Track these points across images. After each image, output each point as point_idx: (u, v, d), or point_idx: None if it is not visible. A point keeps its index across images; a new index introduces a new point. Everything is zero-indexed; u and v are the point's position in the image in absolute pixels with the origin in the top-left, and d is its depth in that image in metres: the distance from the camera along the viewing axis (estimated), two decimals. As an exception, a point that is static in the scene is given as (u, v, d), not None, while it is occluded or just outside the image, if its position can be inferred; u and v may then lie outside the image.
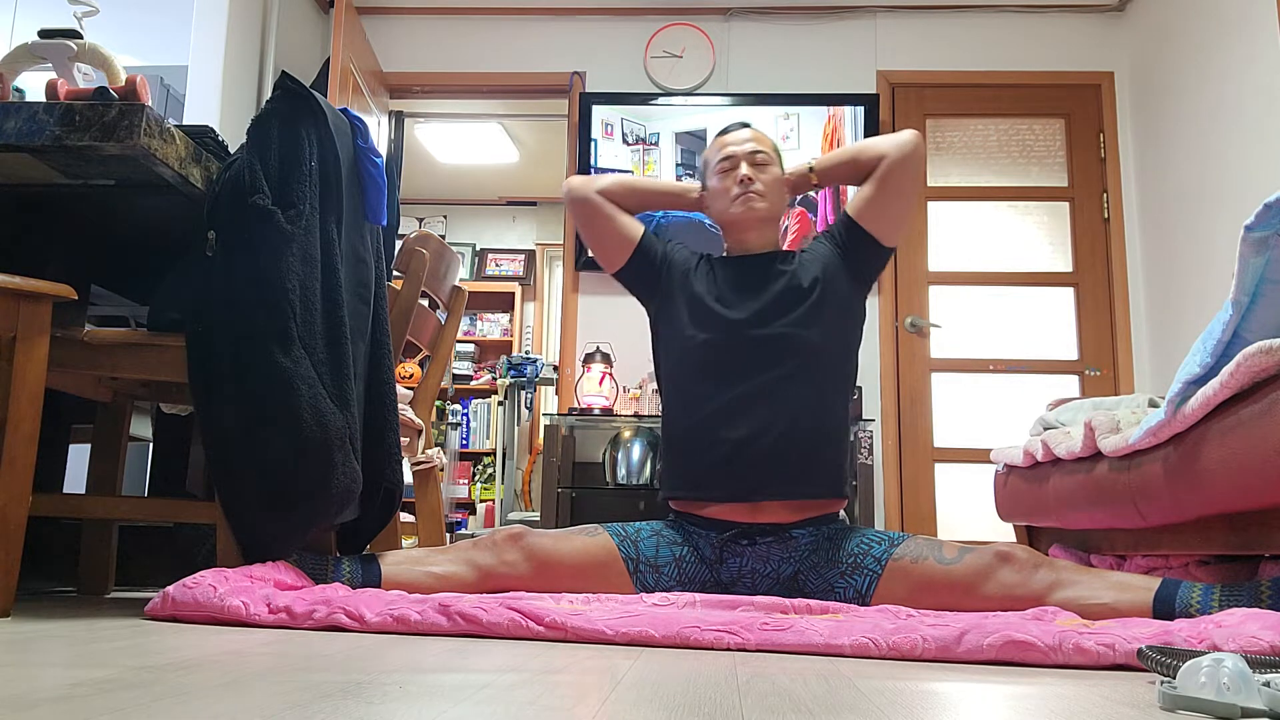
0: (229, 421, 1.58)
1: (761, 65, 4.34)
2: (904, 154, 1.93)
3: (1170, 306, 3.85)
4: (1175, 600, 1.52)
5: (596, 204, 2.01)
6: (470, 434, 6.24)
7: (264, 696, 0.81)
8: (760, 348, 1.86)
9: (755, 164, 1.97)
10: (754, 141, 1.99)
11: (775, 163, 2.01)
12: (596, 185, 2.04)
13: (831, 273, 1.94)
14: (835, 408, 1.89)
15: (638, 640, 1.31)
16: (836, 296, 1.92)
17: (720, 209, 1.99)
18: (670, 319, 1.98)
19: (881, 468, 4.00)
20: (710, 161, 2.03)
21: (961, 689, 1.01)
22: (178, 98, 3.44)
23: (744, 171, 1.95)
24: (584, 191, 2.03)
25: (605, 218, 2.02)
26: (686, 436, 1.89)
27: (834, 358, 1.91)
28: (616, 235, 2.02)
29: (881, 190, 1.94)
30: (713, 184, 2.00)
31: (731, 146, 1.99)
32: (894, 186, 1.94)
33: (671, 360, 1.97)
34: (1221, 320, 1.57)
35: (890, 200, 1.95)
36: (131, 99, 1.54)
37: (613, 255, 2.04)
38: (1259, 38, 3.24)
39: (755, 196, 1.94)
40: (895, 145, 1.94)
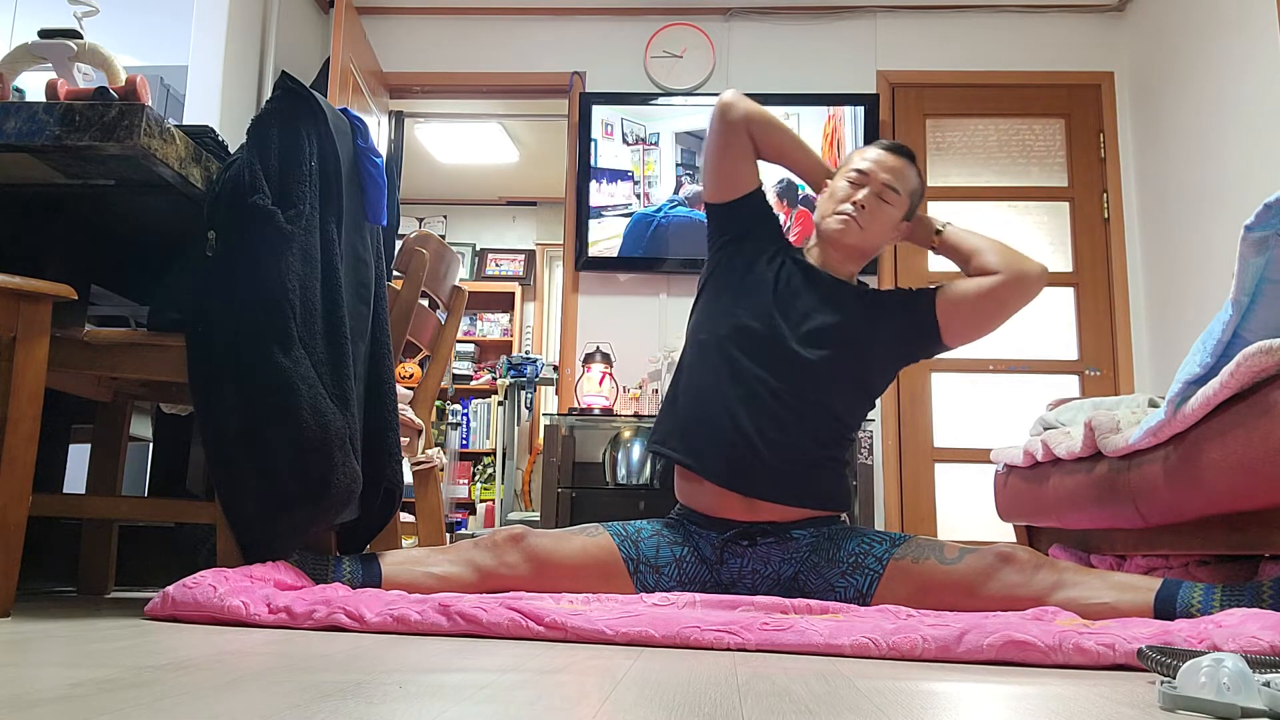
0: (229, 421, 1.58)
1: (761, 65, 4.34)
2: (1020, 284, 1.84)
3: (1170, 306, 3.85)
4: (1176, 600, 1.52)
5: (739, 136, 1.92)
6: (470, 434, 6.24)
7: (264, 696, 0.81)
8: (789, 361, 1.84)
9: (880, 197, 1.87)
10: (894, 175, 1.89)
11: (901, 206, 1.90)
12: (746, 112, 1.92)
13: (886, 333, 1.89)
14: (835, 442, 1.89)
15: (638, 640, 1.31)
16: (875, 357, 1.90)
17: (822, 211, 1.93)
18: (727, 282, 1.93)
19: (881, 468, 4.00)
20: (850, 162, 1.94)
21: (961, 689, 1.01)
22: (178, 98, 3.44)
23: (861, 196, 1.86)
24: (734, 115, 1.91)
25: (738, 154, 1.93)
26: (693, 401, 1.87)
27: (847, 402, 1.90)
28: (734, 175, 1.95)
29: (979, 303, 1.87)
30: (836, 182, 1.93)
31: (872, 164, 1.89)
32: (992, 307, 1.87)
33: (709, 323, 1.93)
34: (1221, 320, 1.57)
35: (980, 317, 1.89)
36: (131, 99, 1.54)
37: (719, 188, 1.97)
38: (1259, 38, 3.24)
39: (854, 225, 1.87)
40: (1015, 273, 1.84)
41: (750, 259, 1.94)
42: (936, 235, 1.96)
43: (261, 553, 1.61)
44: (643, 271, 4.17)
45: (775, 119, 1.97)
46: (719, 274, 1.97)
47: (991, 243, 1.92)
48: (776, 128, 1.96)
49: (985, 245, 1.91)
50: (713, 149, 1.96)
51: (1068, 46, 4.26)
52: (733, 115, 1.92)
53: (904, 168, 1.92)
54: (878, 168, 1.89)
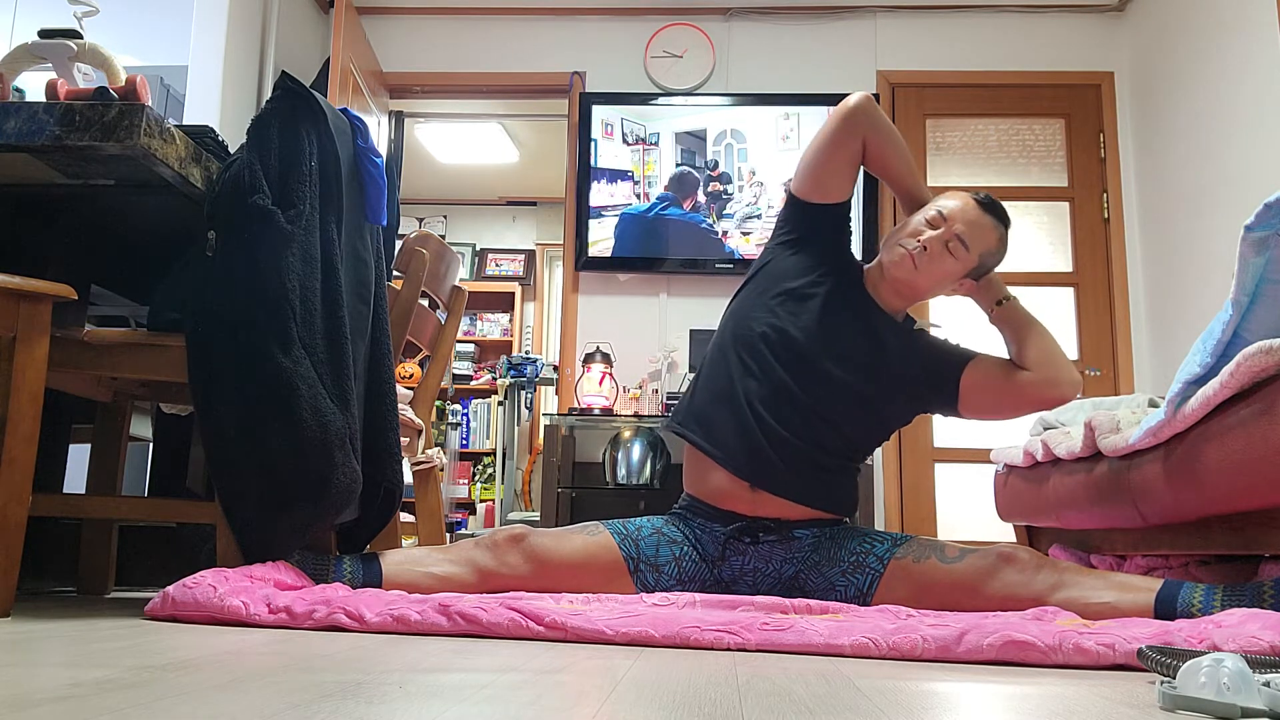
0: (229, 421, 1.58)
1: (761, 65, 4.34)
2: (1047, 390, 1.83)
3: (1170, 306, 3.85)
4: (1177, 601, 1.52)
5: (854, 143, 1.87)
6: (470, 434, 6.24)
7: (264, 696, 0.81)
8: (821, 378, 1.83)
9: (947, 247, 1.82)
10: (971, 233, 1.82)
11: (966, 262, 1.84)
12: (875, 125, 1.86)
13: (907, 377, 1.88)
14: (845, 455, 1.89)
15: (638, 640, 1.31)
16: (897, 395, 1.89)
17: (889, 244, 1.89)
18: (780, 279, 1.91)
19: (881, 468, 4.00)
20: (934, 202, 1.88)
21: (961, 689, 1.01)
22: (178, 98, 3.44)
23: (927, 237, 1.82)
24: (859, 120, 1.85)
25: (846, 160, 1.88)
26: (720, 390, 1.87)
27: (865, 432, 1.90)
28: (833, 180, 1.90)
29: (1001, 392, 1.85)
30: (913, 218, 1.89)
31: (953, 212, 1.83)
32: (1012, 401, 1.86)
33: (747, 313, 1.91)
34: (1221, 320, 1.57)
35: (999, 406, 1.88)
36: (131, 99, 1.54)
37: (812, 186, 1.92)
38: (1258, 38, 3.24)
39: (908, 263, 1.82)
40: (1048, 382, 1.82)
41: (809, 265, 1.91)
42: (997, 306, 1.92)
43: (261, 553, 1.61)
44: (643, 271, 4.17)
45: (896, 134, 1.92)
46: (773, 268, 1.95)
47: (1044, 340, 1.87)
48: (895, 142, 1.91)
49: (1036, 338, 1.86)
50: (823, 146, 1.89)
51: (1068, 46, 4.26)
52: (857, 118, 1.86)
53: (986, 226, 1.85)
54: (957, 216, 1.84)
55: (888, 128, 1.89)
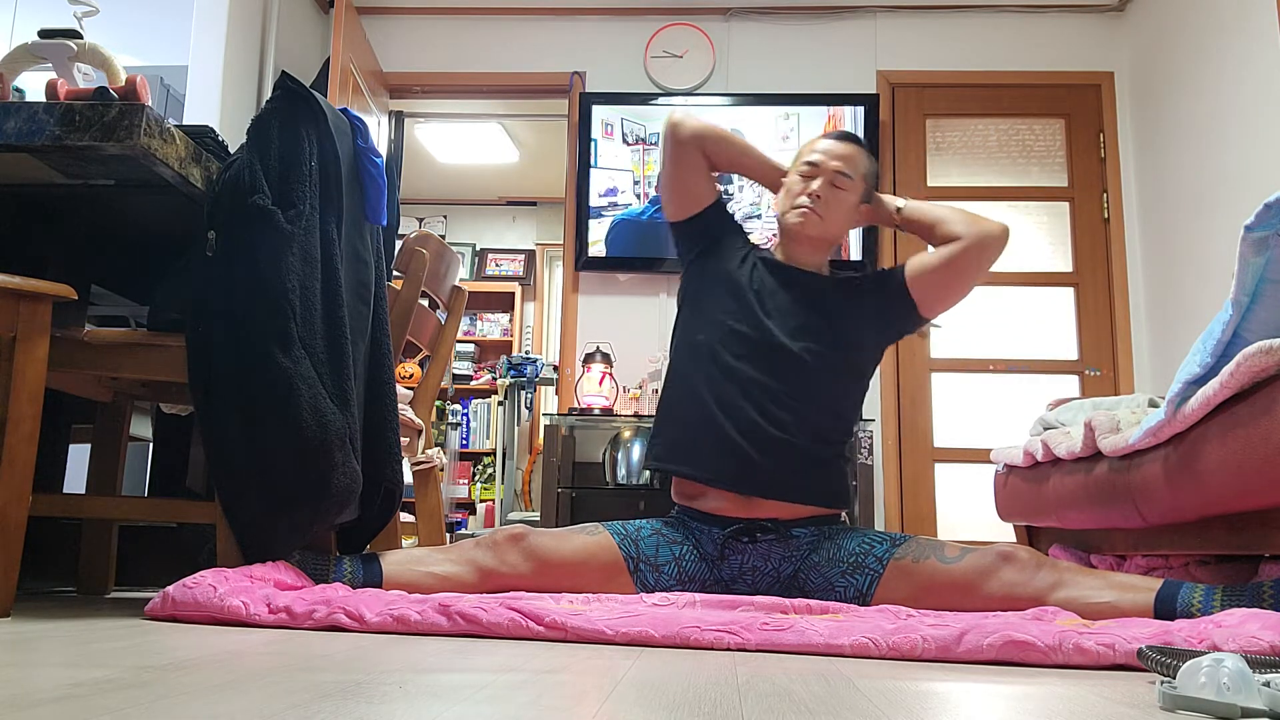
0: (229, 421, 1.58)
1: (761, 65, 4.34)
2: (981, 246, 1.88)
3: (1170, 306, 3.85)
4: (1177, 601, 1.52)
5: (691, 153, 1.96)
6: (470, 434, 6.24)
7: (264, 696, 0.81)
8: (779, 358, 1.85)
9: (834, 184, 1.90)
10: (844, 161, 1.91)
11: (857, 190, 1.93)
12: (696, 130, 1.95)
13: (865, 314, 1.92)
14: (833, 433, 1.90)
15: (638, 640, 1.31)
16: (860, 340, 1.92)
17: (781, 208, 1.96)
18: (704, 293, 1.96)
19: (881, 468, 4.00)
20: (800, 156, 1.97)
21: (961, 689, 1.01)
22: (178, 98, 3.44)
23: (815, 187, 1.90)
24: (683, 134, 1.95)
25: (694, 170, 1.97)
26: (688, 412, 1.88)
27: (840, 391, 1.91)
28: (692, 191, 1.99)
29: (945, 269, 1.90)
30: (789, 179, 1.96)
31: (820, 155, 1.92)
32: (958, 272, 1.90)
33: (693, 333, 1.94)
34: (1221, 320, 1.57)
35: (949, 283, 1.92)
36: (131, 99, 1.54)
37: (679, 206, 2.00)
38: (1258, 38, 3.24)
39: (813, 216, 1.89)
40: (977, 235, 1.88)
41: (723, 267, 1.96)
42: (898, 213, 1.98)
43: (261, 553, 1.61)
44: (642, 271, 4.17)
45: (723, 131, 2.02)
46: (695, 287, 1.99)
47: (952, 211, 1.95)
48: (726, 139, 2.00)
49: (946, 214, 1.94)
50: (668, 169, 2.01)
51: (1068, 46, 4.26)
52: (683, 133, 1.96)
53: (854, 153, 1.94)
54: (827, 157, 1.92)
55: (713, 129, 1.99)
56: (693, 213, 2.00)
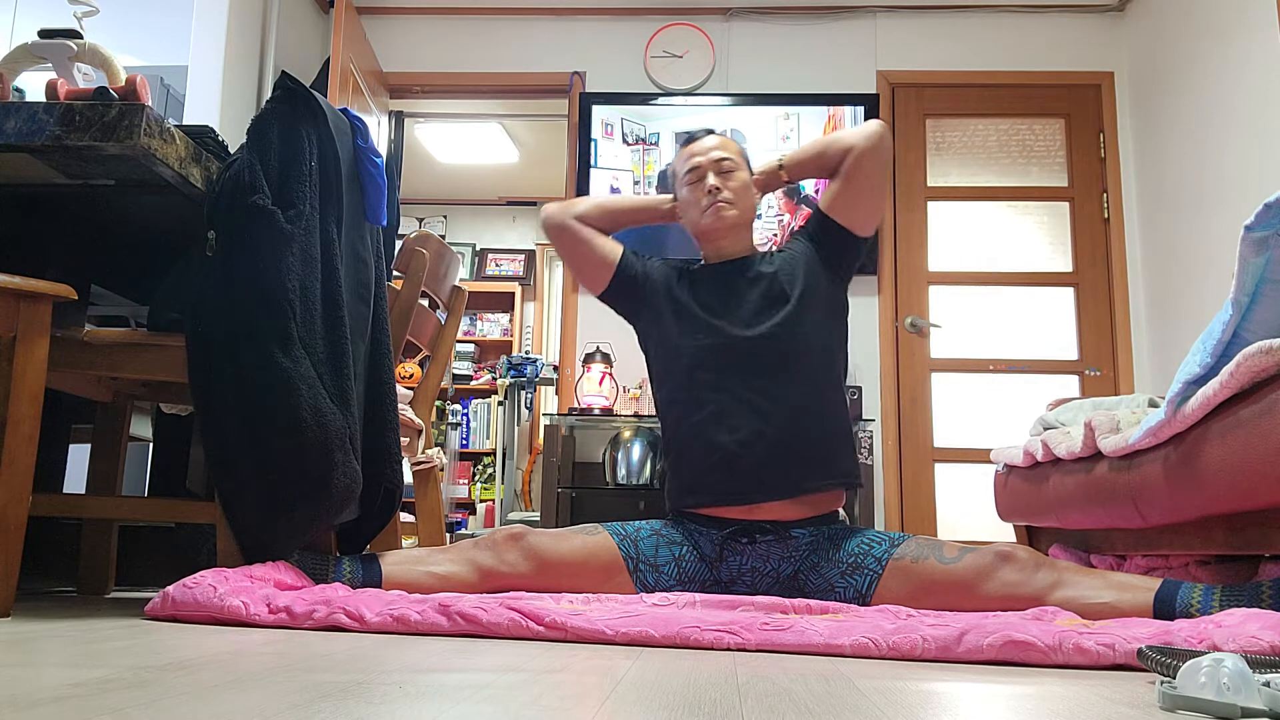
0: (229, 421, 1.58)
1: (761, 65, 4.34)
2: (870, 145, 1.92)
3: (1170, 306, 3.85)
4: (1176, 601, 1.52)
5: (574, 229, 2.02)
6: (470, 434, 6.24)
7: (264, 696, 0.81)
8: (749, 350, 1.86)
9: (721, 171, 1.96)
10: (719, 149, 1.98)
11: (742, 167, 1.99)
12: (573, 211, 2.04)
13: (810, 269, 1.95)
14: (830, 402, 1.89)
15: (638, 640, 1.31)
16: (817, 292, 1.93)
17: (692, 220, 1.99)
18: (659, 332, 1.98)
19: (881, 468, 4.00)
20: (678, 172, 2.02)
21: (961, 689, 1.01)
22: (178, 98, 3.44)
23: (711, 181, 1.94)
24: (561, 218, 2.03)
25: (583, 242, 2.03)
26: (685, 443, 1.89)
27: (822, 353, 1.91)
28: (596, 258, 2.03)
29: (850, 183, 1.94)
30: (683, 195, 2.00)
31: (697, 156, 1.98)
32: (862, 179, 1.94)
33: (664, 371, 1.97)
34: (1221, 320, 1.57)
35: (860, 192, 1.95)
36: (131, 99, 1.54)
37: (595, 278, 2.04)
38: (1258, 37, 3.24)
39: (724, 205, 1.94)
40: (862, 137, 1.93)
41: (664, 299, 1.98)
42: (781, 170, 2.02)
43: (261, 553, 1.61)
44: (643, 271, 4.17)
45: (591, 199, 2.08)
46: (650, 332, 2.01)
47: (825, 137, 2.02)
48: (597, 205, 2.06)
49: (823, 141, 2.00)
50: (567, 255, 2.09)
51: (1068, 46, 4.26)
52: (561, 219, 2.03)
53: (719, 140, 2.00)
54: (702, 154, 1.98)
55: (580, 203, 2.06)
56: (611, 274, 2.02)
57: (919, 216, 4.22)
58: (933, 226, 4.22)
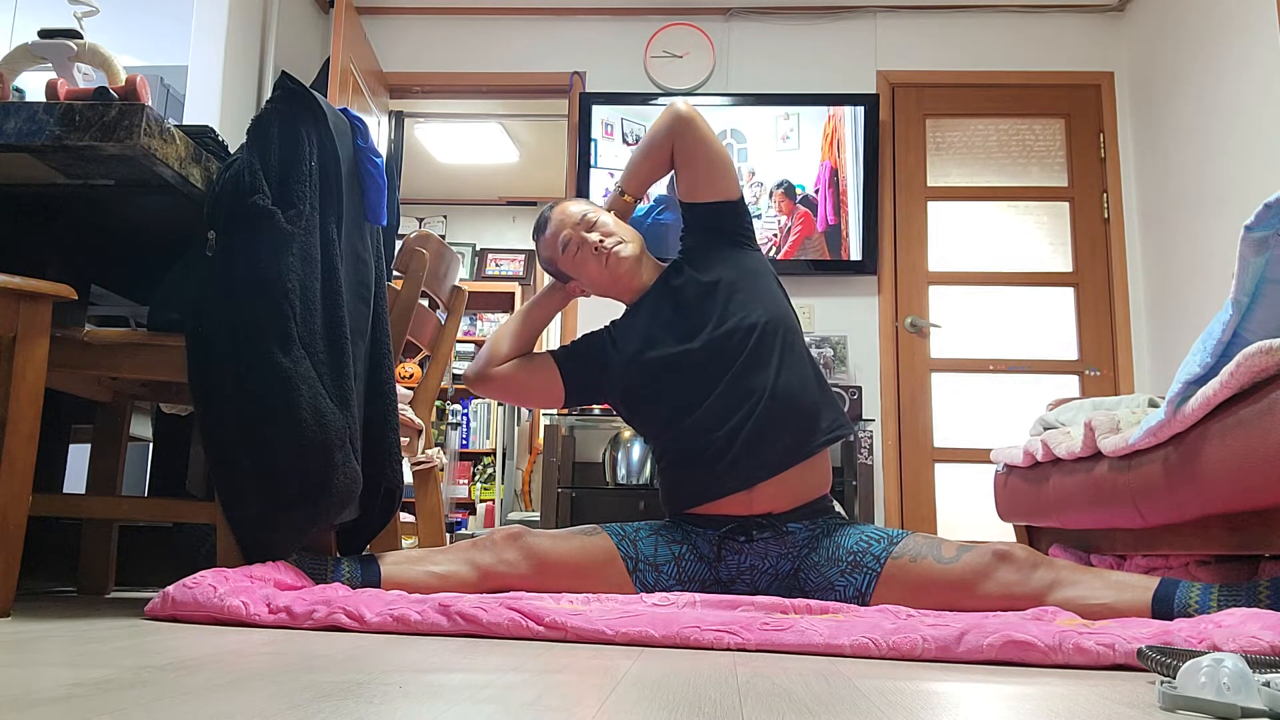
0: (229, 421, 1.58)
1: (761, 65, 4.34)
2: (677, 126, 1.94)
3: (1170, 306, 3.85)
4: (1174, 600, 1.52)
5: (500, 379, 1.98)
6: (470, 434, 6.24)
7: (264, 696, 0.81)
8: (707, 355, 1.87)
9: (589, 227, 1.95)
10: (572, 214, 1.97)
11: (599, 209, 2.00)
12: (486, 364, 1.99)
13: (713, 254, 1.96)
14: (796, 364, 1.89)
15: (638, 640, 1.31)
16: (734, 270, 1.94)
17: (598, 282, 1.98)
18: (627, 390, 1.97)
19: (881, 468, 4.00)
20: (555, 259, 1.99)
21: (961, 689, 1.01)
22: (178, 98, 3.44)
23: (591, 239, 1.93)
24: (481, 375, 1.99)
25: (517, 384, 2.00)
26: (678, 457, 1.89)
27: (772, 323, 1.90)
28: (540, 388, 2.00)
29: (685, 166, 1.96)
30: (576, 272, 1.98)
31: (563, 231, 1.96)
32: (690, 156, 1.95)
33: (641, 417, 1.98)
34: (1221, 320, 1.57)
35: (697, 167, 1.96)
36: (131, 99, 1.54)
37: (552, 401, 2.03)
38: (1259, 38, 3.24)
39: (617, 247, 1.94)
40: (666, 123, 1.96)
41: (617, 364, 1.96)
42: (622, 194, 2.05)
43: (261, 553, 1.61)
44: (643, 271, 4.17)
45: (498, 334, 2.03)
46: (618, 395, 1.99)
47: (641, 143, 2.03)
48: (507, 335, 2.01)
49: (640, 148, 2.02)
50: (513, 401, 2.13)
51: (1068, 46, 4.26)
52: (480, 376, 1.99)
53: (562, 211, 2.00)
54: (563, 225, 1.96)
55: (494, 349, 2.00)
56: (562, 394, 2.00)
57: (919, 216, 4.22)
58: (933, 226, 4.22)
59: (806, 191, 4.14)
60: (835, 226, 4.12)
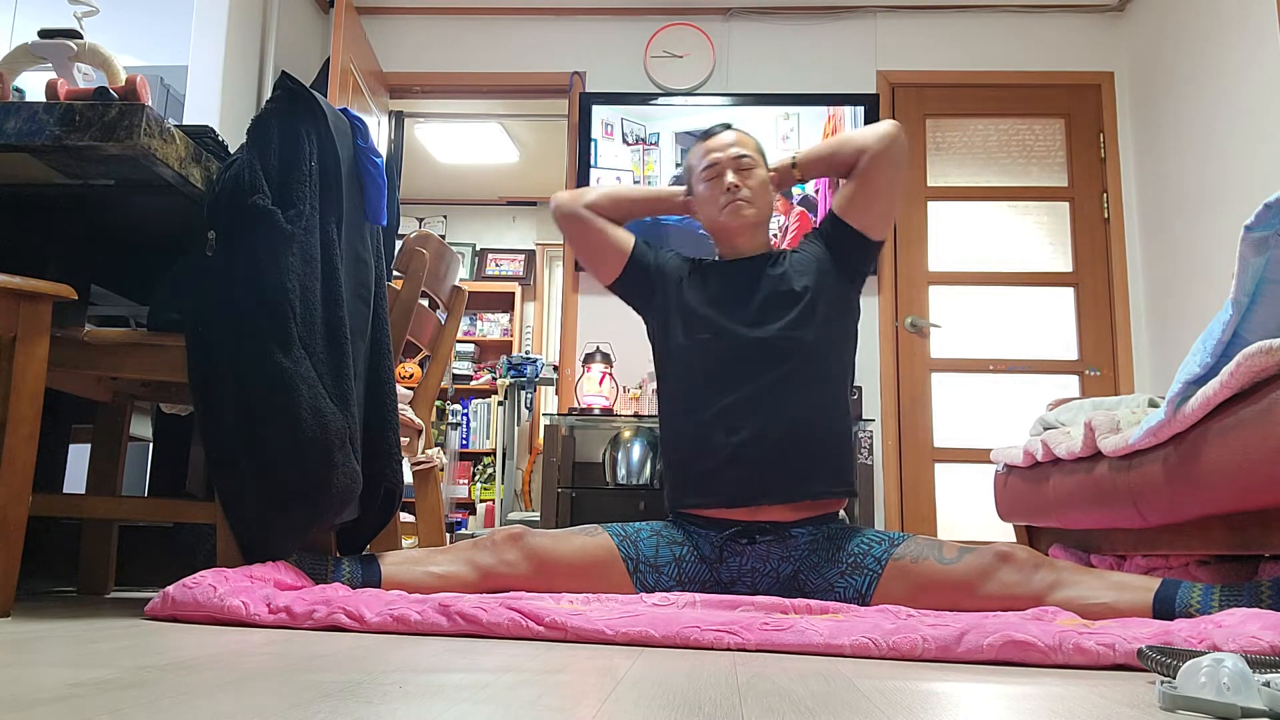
0: (229, 421, 1.58)
1: (761, 65, 4.34)
2: (884, 146, 1.90)
3: (1170, 306, 3.85)
4: (1175, 600, 1.52)
5: (585, 219, 2.01)
6: (470, 434, 6.24)
7: (264, 696, 0.81)
8: (756, 351, 1.85)
9: (740, 169, 1.94)
10: (738, 145, 1.97)
11: (760, 164, 1.98)
12: (584, 200, 2.02)
13: (823, 271, 1.93)
14: (834, 406, 1.89)
15: (638, 640, 1.31)
16: (829, 295, 1.92)
17: (709, 216, 1.97)
18: (666, 328, 1.97)
19: (881, 468, 4.00)
20: (695, 167, 2.00)
21: (961, 689, 1.01)
22: (178, 98, 3.44)
23: (730, 179, 1.92)
24: (572, 207, 2.01)
25: (595, 231, 2.01)
26: (687, 443, 1.88)
27: (829, 357, 1.90)
28: (607, 248, 2.02)
29: (864, 185, 1.92)
30: (699, 190, 1.98)
31: (715, 152, 1.96)
32: (876, 181, 1.91)
33: (669, 368, 1.97)
34: (1221, 320, 1.57)
35: (873, 195, 1.93)
36: (131, 99, 1.54)
37: (606, 268, 2.03)
38: (1259, 37, 3.24)
39: (743, 203, 1.92)
40: (875, 138, 1.90)
41: (675, 293, 1.96)
42: (794, 168, 2.01)
43: (261, 553, 1.61)
44: (643, 271, 4.17)
45: (608, 189, 2.06)
46: (659, 324, 2.00)
47: (840, 135, 2.00)
48: (609, 194, 2.04)
49: (837, 140, 1.98)
50: (577, 244, 2.07)
51: (1068, 46, 4.26)
52: (572, 208, 2.01)
53: (737, 135, 1.99)
54: (720, 150, 1.96)
55: (593, 191, 2.05)
56: (621, 265, 2.01)
57: (919, 216, 4.22)
58: (933, 226, 4.22)
59: (806, 191, 4.14)
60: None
